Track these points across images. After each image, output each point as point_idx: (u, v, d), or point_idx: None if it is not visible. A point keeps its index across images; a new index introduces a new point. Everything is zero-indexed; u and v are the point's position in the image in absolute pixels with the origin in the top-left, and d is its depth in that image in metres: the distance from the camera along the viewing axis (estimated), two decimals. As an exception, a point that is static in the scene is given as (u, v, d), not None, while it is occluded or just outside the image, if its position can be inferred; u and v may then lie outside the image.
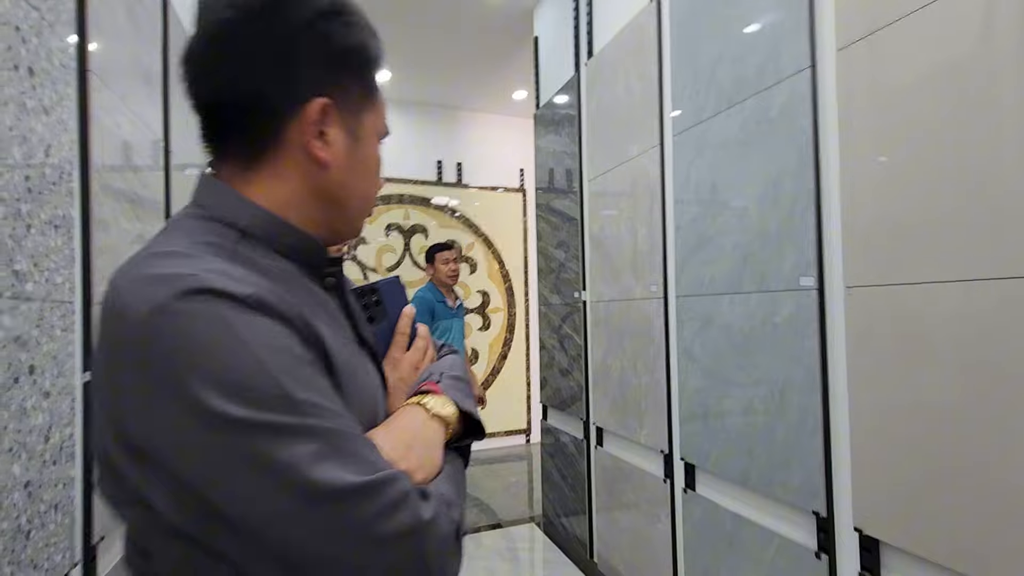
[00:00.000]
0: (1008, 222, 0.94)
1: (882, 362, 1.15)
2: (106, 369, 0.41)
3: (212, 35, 0.47)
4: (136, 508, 0.42)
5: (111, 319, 0.40)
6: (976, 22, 0.98)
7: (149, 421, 0.38)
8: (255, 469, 0.37)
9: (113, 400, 0.40)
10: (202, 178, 0.51)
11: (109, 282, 0.42)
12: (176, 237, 0.46)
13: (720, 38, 1.65)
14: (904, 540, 1.11)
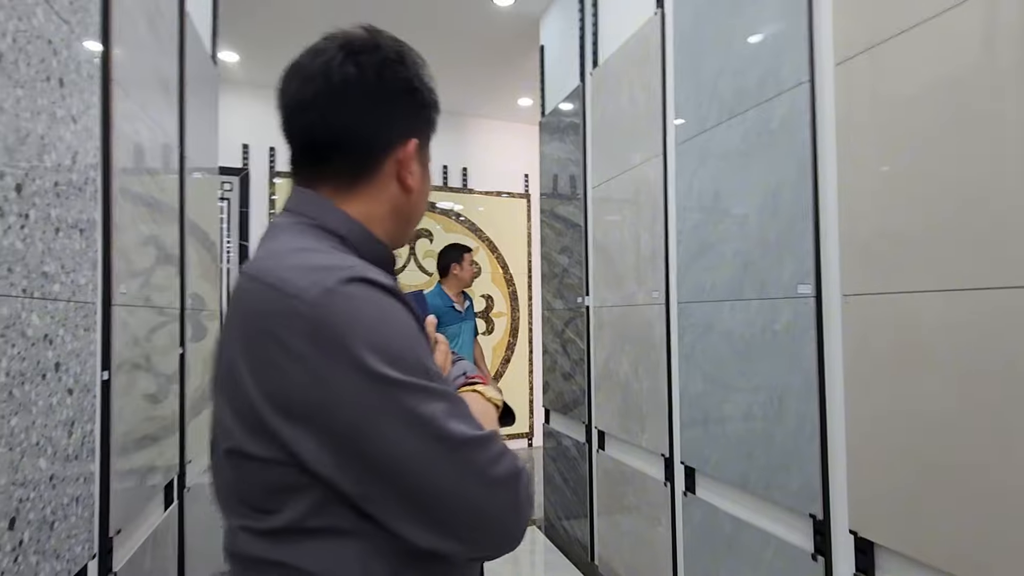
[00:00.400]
0: (1002, 233, 0.97)
1: (878, 369, 1.19)
2: (267, 341, 0.48)
3: (334, 86, 0.58)
4: (272, 466, 0.49)
5: (277, 299, 0.48)
6: (975, 38, 1.02)
7: (315, 381, 0.46)
8: (403, 418, 0.47)
9: (271, 367, 0.47)
10: (301, 193, 0.61)
11: (255, 273, 0.51)
12: (301, 239, 0.56)
13: (722, 51, 1.70)
14: (898, 543, 1.14)
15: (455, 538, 0.49)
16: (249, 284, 0.51)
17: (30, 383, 0.92)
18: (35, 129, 0.94)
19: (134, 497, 1.37)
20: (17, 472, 0.88)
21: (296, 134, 0.61)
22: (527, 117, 4.93)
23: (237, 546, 0.53)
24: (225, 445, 0.52)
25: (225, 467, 0.53)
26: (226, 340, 0.53)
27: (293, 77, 0.61)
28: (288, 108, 0.61)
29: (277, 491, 0.49)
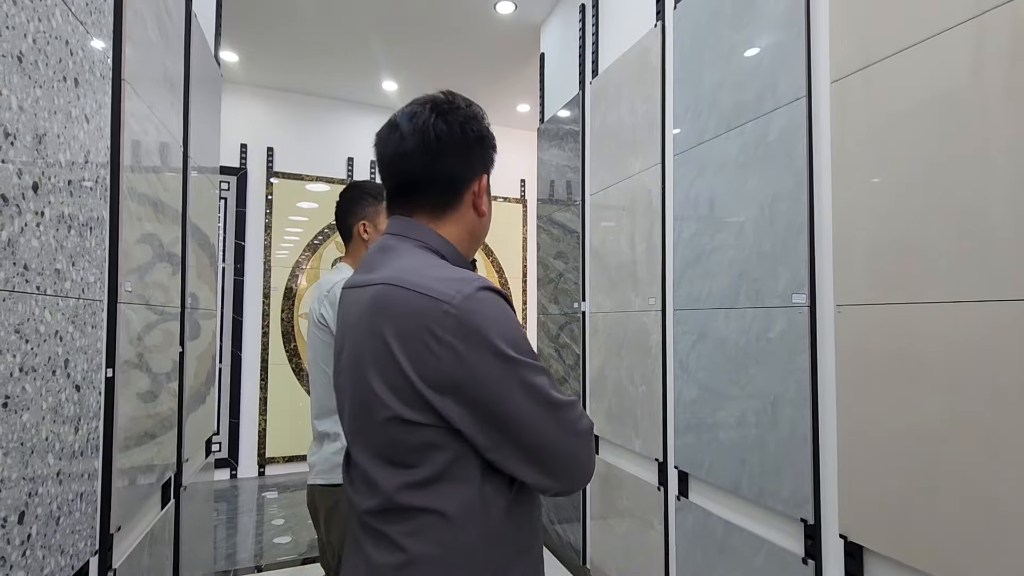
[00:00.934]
0: (990, 248, 1.01)
1: (869, 378, 1.22)
2: (423, 335, 0.65)
3: (430, 140, 0.75)
4: (423, 428, 0.66)
5: (430, 304, 0.65)
6: (964, 60, 1.06)
7: (461, 363, 0.64)
8: (522, 388, 0.67)
9: (426, 354, 0.65)
10: (404, 220, 0.79)
11: (403, 284, 0.68)
12: (424, 258, 0.74)
13: (721, 65, 1.74)
14: (886, 547, 1.17)
15: (553, 476, 0.70)
16: (399, 292, 0.68)
17: (41, 379, 0.93)
18: (52, 128, 0.96)
19: (134, 495, 1.38)
20: (27, 467, 0.89)
21: (397, 175, 0.79)
22: (525, 123, 4.97)
23: (393, 501, 0.68)
24: (383, 415, 0.67)
25: (379, 434, 0.69)
26: (364, 334, 0.70)
27: (393, 132, 0.78)
28: (390, 156, 0.78)
29: (424, 448, 0.67)
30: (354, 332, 0.73)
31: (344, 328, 0.78)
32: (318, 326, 1.44)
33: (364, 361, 0.69)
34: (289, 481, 4.02)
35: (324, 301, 1.44)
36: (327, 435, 1.43)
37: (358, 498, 0.73)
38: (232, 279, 4.10)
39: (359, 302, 0.73)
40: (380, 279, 0.71)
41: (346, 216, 1.54)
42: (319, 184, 4.38)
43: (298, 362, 4.24)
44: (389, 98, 4.48)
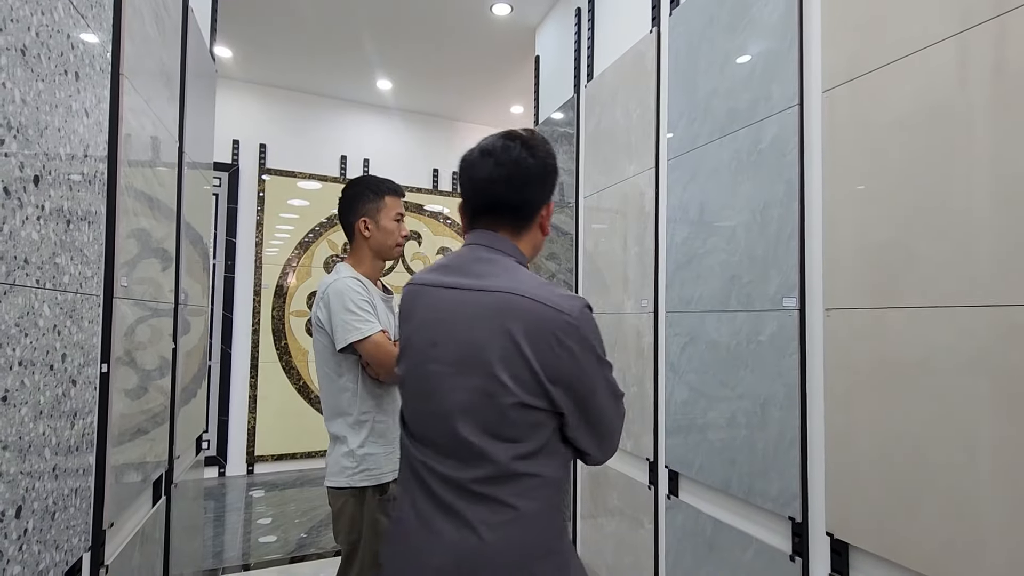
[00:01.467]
0: (971, 254, 1.04)
1: (856, 380, 1.26)
2: (549, 339, 0.82)
3: (521, 170, 0.90)
4: (536, 411, 0.83)
5: (555, 315, 0.83)
6: (949, 73, 1.10)
7: (575, 363, 0.84)
8: (606, 383, 0.89)
9: (549, 354, 0.82)
10: (493, 234, 0.93)
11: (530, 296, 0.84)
12: (530, 273, 0.90)
13: (715, 72, 1.77)
14: (871, 544, 1.21)
15: (603, 449, 0.93)
16: (528, 302, 0.84)
17: (39, 373, 0.93)
18: (53, 122, 0.96)
19: (126, 491, 1.37)
20: (25, 461, 0.88)
21: (486, 197, 0.92)
22: (518, 124, 4.99)
23: (508, 469, 0.83)
24: (508, 401, 0.82)
25: (498, 415, 0.83)
26: (484, 331, 0.84)
27: (486, 159, 0.91)
28: (482, 180, 0.91)
29: (533, 427, 0.84)
30: (464, 328, 0.85)
31: (430, 321, 0.89)
32: (317, 328, 1.44)
33: (488, 356, 0.82)
34: (278, 480, 4.00)
35: (319, 303, 1.44)
36: (337, 438, 1.44)
37: (458, 471, 0.84)
38: (223, 276, 4.08)
39: (464, 301, 0.86)
40: (501, 288, 0.85)
41: (347, 214, 1.53)
42: (311, 182, 4.36)
43: (288, 360, 4.22)
44: (383, 97, 4.48)
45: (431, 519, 0.85)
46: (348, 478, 1.41)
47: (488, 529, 0.81)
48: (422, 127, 4.82)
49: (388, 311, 1.55)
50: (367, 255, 1.52)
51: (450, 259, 0.93)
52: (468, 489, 0.83)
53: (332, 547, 2.84)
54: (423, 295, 0.92)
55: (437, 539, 0.83)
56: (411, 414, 0.93)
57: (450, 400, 0.85)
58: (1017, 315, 0.97)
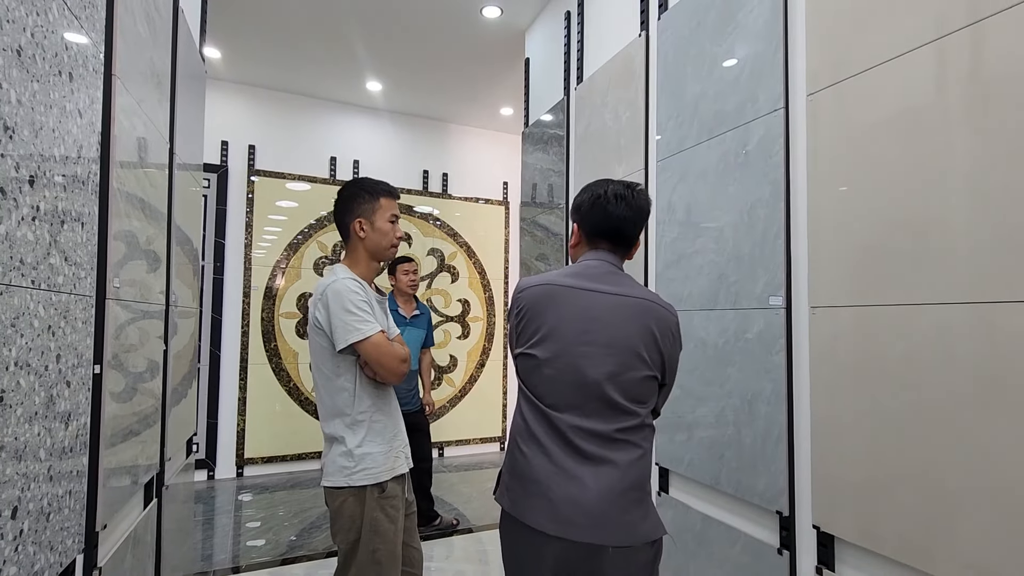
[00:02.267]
0: (948, 253, 1.08)
1: (840, 376, 1.29)
2: (668, 332, 1.19)
3: (645, 211, 1.25)
4: (655, 381, 1.18)
5: (671, 315, 1.21)
6: (930, 78, 1.14)
7: (676, 347, 1.22)
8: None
9: (668, 343, 1.19)
10: (616, 257, 1.25)
11: (657, 302, 1.21)
12: (642, 285, 1.38)
13: (703, 75, 1.80)
14: (856, 536, 1.24)
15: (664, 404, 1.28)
16: (658, 307, 1.20)
17: (35, 374, 0.93)
18: (47, 123, 0.96)
19: (118, 493, 1.37)
20: (20, 462, 0.88)
21: (620, 230, 1.24)
22: (508, 126, 5.01)
23: (644, 421, 1.17)
24: (644, 374, 1.15)
25: (638, 385, 1.15)
26: (631, 326, 1.16)
27: (621, 203, 1.22)
28: (618, 219, 1.22)
29: (652, 391, 1.19)
30: (617, 321, 1.16)
31: (582, 315, 1.16)
32: (315, 330, 1.44)
33: (634, 342, 1.15)
34: (268, 482, 3.98)
35: (318, 304, 1.43)
36: (335, 438, 1.44)
37: (603, 424, 1.13)
38: (212, 278, 4.05)
39: (615, 303, 1.17)
40: (639, 295, 1.20)
41: (343, 215, 1.53)
42: (300, 183, 4.34)
43: (278, 362, 4.20)
44: (373, 98, 4.48)
45: (570, 467, 1.12)
46: (347, 477, 1.40)
47: (625, 463, 1.12)
48: (412, 129, 4.82)
49: (383, 312, 1.56)
50: (363, 256, 1.52)
51: (581, 269, 1.23)
52: (611, 437, 1.13)
53: (324, 548, 2.83)
54: (563, 294, 1.19)
55: (581, 479, 1.10)
56: (553, 387, 1.16)
57: (600, 372, 1.13)
58: (993, 311, 1.01)
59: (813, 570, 1.35)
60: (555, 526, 1.09)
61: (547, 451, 1.13)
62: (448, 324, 4.82)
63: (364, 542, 1.39)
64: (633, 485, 1.12)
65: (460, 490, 3.90)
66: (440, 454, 4.76)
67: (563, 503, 1.09)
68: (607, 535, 1.08)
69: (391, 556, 1.42)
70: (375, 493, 1.41)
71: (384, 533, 1.41)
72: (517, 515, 1.16)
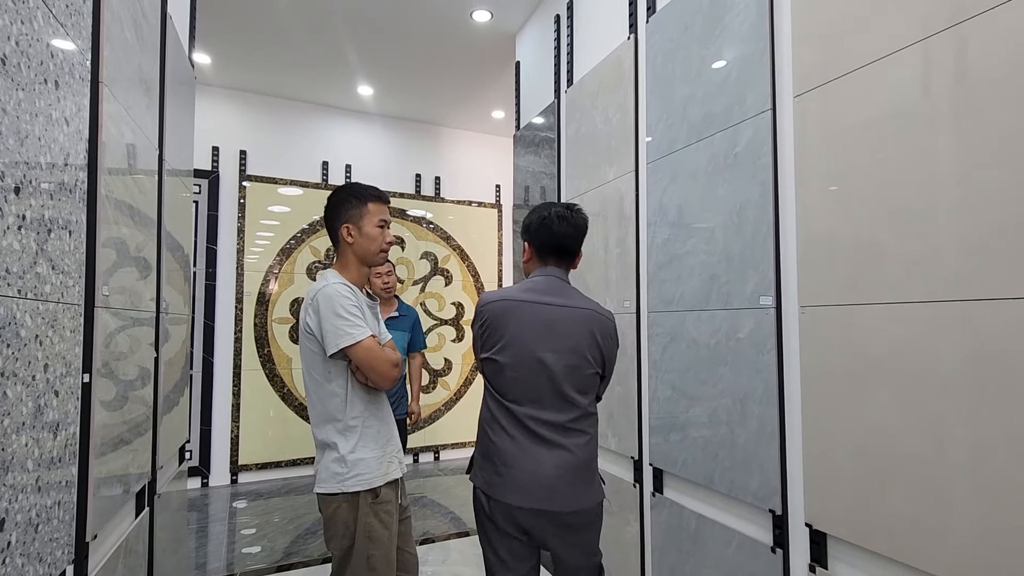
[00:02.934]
0: (934, 252, 1.09)
1: (830, 375, 1.30)
2: (610, 335, 1.48)
3: (581, 232, 1.52)
4: (597, 376, 1.46)
5: (610, 322, 1.50)
6: (916, 80, 1.15)
7: (615, 346, 1.51)
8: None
9: (609, 343, 1.47)
10: (563, 272, 1.51)
11: (598, 310, 1.48)
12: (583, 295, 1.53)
13: (692, 77, 1.81)
14: (848, 533, 1.25)
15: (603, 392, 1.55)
16: (599, 316, 1.46)
17: (22, 384, 0.92)
18: (33, 131, 0.95)
19: (109, 502, 1.36)
20: (8, 473, 0.88)
21: (566, 246, 1.50)
22: (500, 129, 5.02)
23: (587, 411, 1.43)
24: (590, 371, 1.42)
25: (585, 380, 1.42)
26: (581, 331, 1.42)
27: (563, 222, 1.49)
28: (561, 236, 1.48)
29: (595, 385, 1.45)
30: (568, 329, 1.41)
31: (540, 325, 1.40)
32: (305, 335, 1.43)
33: (581, 346, 1.41)
34: (262, 489, 3.95)
35: (308, 309, 1.43)
36: (327, 444, 1.43)
37: (557, 416, 1.39)
38: (204, 284, 4.02)
39: (566, 315, 1.43)
40: (584, 306, 1.46)
41: (332, 220, 1.53)
42: (292, 188, 4.33)
43: (271, 368, 4.18)
44: (365, 103, 4.47)
45: (531, 450, 1.37)
46: (339, 484, 1.40)
47: (576, 448, 1.39)
48: (404, 132, 4.82)
49: (374, 317, 1.55)
50: (352, 261, 1.52)
51: (533, 285, 1.47)
52: (564, 426, 1.39)
53: (319, 555, 2.82)
54: (521, 308, 1.42)
55: (539, 460, 1.36)
56: (515, 385, 1.40)
57: (557, 372, 1.39)
58: (980, 309, 1.02)
59: (806, 568, 1.36)
60: (519, 497, 1.35)
61: (512, 437, 1.39)
62: (442, 327, 4.81)
63: (358, 548, 1.39)
64: (583, 464, 1.39)
65: (456, 493, 3.89)
66: (436, 457, 4.75)
67: (526, 478, 1.36)
68: (560, 503, 1.35)
69: (386, 562, 1.41)
70: (368, 499, 1.41)
71: (378, 539, 1.41)
72: (487, 491, 1.41)
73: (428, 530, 3.18)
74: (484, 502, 1.43)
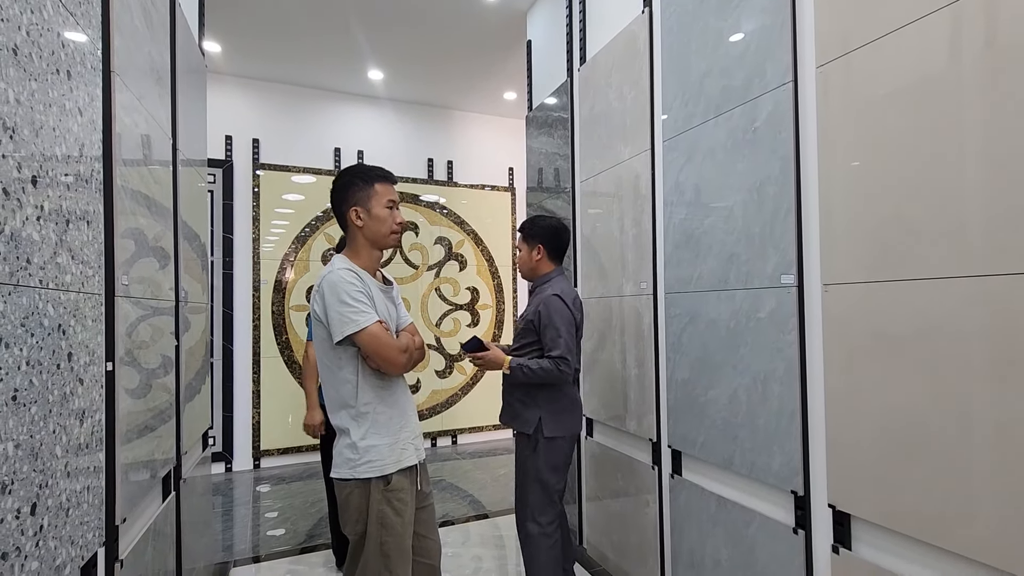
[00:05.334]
0: (963, 226, 1.05)
1: (854, 354, 1.27)
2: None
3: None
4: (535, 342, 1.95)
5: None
6: (943, 46, 1.10)
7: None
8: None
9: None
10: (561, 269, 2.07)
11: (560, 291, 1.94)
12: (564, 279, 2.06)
13: (708, 51, 1.76)
14: (873, 514, 1.23)
15: None
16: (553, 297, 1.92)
17: (47, 372, 0.93)
18: (47, 122, 0.95)
19: (136, 487, 1.39)
20: (37, 459, 0.90)
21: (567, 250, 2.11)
22: (512, 111, 4.96)
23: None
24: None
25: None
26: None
27: (566, 232, 2.03)
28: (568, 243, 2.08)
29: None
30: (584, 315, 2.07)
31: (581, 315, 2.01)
32: (315, 322, 1.42)
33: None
34: (284, 473, 4.03)
35: (316, 296, 1.41)
36: (342, 430, 1.42)
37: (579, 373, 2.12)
38: (221, 272, 4.07)
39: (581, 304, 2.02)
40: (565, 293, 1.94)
41: (339, 204, 1.50)
42: (306, 175, 4.34)
43: (290, 354, 4.23)
44: (375, 87, 4.44)
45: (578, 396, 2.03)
46: (351, 470, 1.39)
47: None
48: (415, 116, 4.79)
49: (388, 301, 1.51)
50: (363, 245, 1.48)
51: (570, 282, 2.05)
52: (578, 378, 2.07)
53: (341, 537, 2.87)
54: None
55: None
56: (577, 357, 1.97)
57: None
58: (1008, 284, 0.98)
59: (829, 548, 1.34)
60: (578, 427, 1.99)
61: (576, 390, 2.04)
62: (457, 312, 4.82)
63: (371, 534, 1.38)
64: None
65: (474, 477, 3.93)
66: (453, 441, 4.80)
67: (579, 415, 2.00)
68: None
69: (399, 549, 1.40)
70: (380, 486, 1.39)
71: (391, 526, 1.39)
72: (575, 430, 1.96)
73: (447, 513, 3.22)
74: (568, 440, 1.92)
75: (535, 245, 1.99)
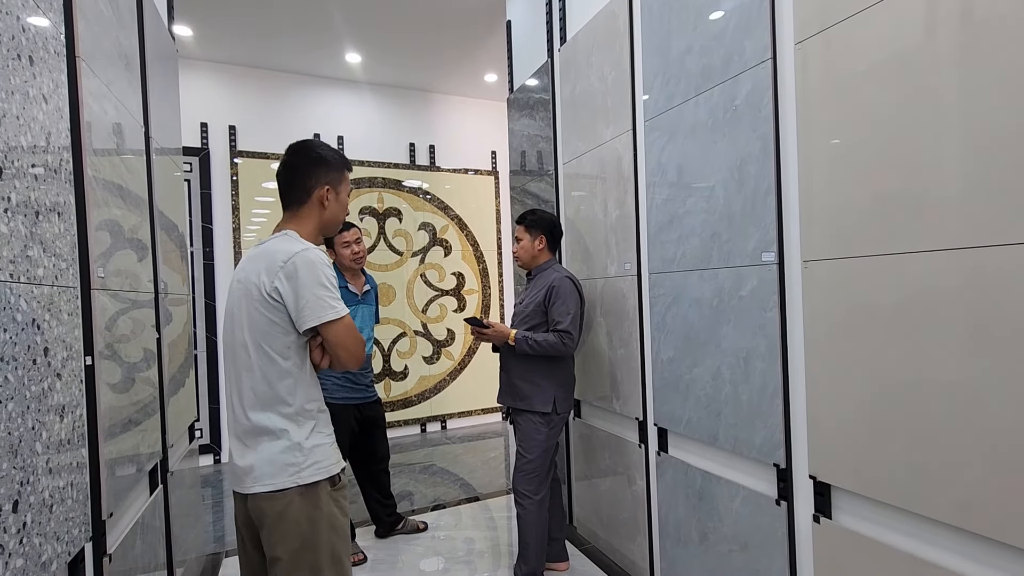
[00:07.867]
0: (939, 200, 1.07)
1: (833, 328, 1.29)
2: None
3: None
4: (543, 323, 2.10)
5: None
6: (920, 20, 1.10)
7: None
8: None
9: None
10: None
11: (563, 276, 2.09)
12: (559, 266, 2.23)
13: (688, 29, 1.75)
14: (850, 483, 1.26)
15: None
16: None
17: (22, 368, 0.92)
18: (11, 110, 0.92)
19: (122, 481, 1.38)
20: (16, 456, 0.88)
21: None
22: (494, 93, 4.90)
23: None
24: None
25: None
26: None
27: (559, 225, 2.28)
28: None
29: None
30: None
31: None
32: (266, 302, 1.18)
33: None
34: (274, 463, 4.03)
35: (277, 273, 1.18)
36: (270, 432, 1.19)
37: None
38: (202, 263, 4.01)
39: None
40: None
41: (307, 177, 1.30)
42: (285, 163, 4.26)
43: (275, 345, 4.20)
44: (353, 71, 4.36)
45: None
46: (294, 476, 1.18)
47: None
48: (395, 101, 4.71)
49: None
50: (314, 228, 1.32)
51: None
52: None
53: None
54: None
55: None
56: None
57: None
58: (983, 256, 1.00)
59: (810, 518, 1.38)
60: None
61: None
62: (443, 298, 4.81)
63: (322, 543, 1.21)
64: None
65: (465, 460, 3.96)
66: (443, 426, 4.82)
67: None
68: None
69: (347, 552, 1.27)
70: (327, 487, 1.23)
71: (341, 528, 1.25)
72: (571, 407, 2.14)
73: (439, 496, 3.25)
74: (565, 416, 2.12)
75: (538, 235, 2.13)
